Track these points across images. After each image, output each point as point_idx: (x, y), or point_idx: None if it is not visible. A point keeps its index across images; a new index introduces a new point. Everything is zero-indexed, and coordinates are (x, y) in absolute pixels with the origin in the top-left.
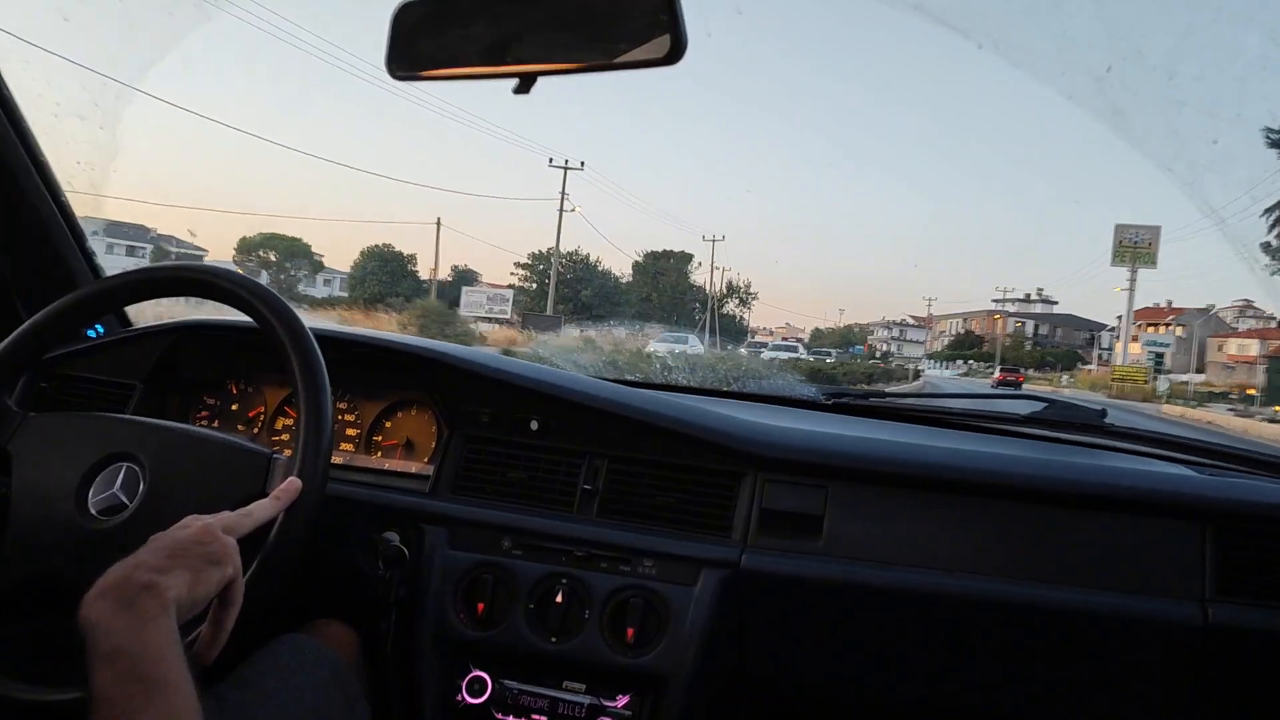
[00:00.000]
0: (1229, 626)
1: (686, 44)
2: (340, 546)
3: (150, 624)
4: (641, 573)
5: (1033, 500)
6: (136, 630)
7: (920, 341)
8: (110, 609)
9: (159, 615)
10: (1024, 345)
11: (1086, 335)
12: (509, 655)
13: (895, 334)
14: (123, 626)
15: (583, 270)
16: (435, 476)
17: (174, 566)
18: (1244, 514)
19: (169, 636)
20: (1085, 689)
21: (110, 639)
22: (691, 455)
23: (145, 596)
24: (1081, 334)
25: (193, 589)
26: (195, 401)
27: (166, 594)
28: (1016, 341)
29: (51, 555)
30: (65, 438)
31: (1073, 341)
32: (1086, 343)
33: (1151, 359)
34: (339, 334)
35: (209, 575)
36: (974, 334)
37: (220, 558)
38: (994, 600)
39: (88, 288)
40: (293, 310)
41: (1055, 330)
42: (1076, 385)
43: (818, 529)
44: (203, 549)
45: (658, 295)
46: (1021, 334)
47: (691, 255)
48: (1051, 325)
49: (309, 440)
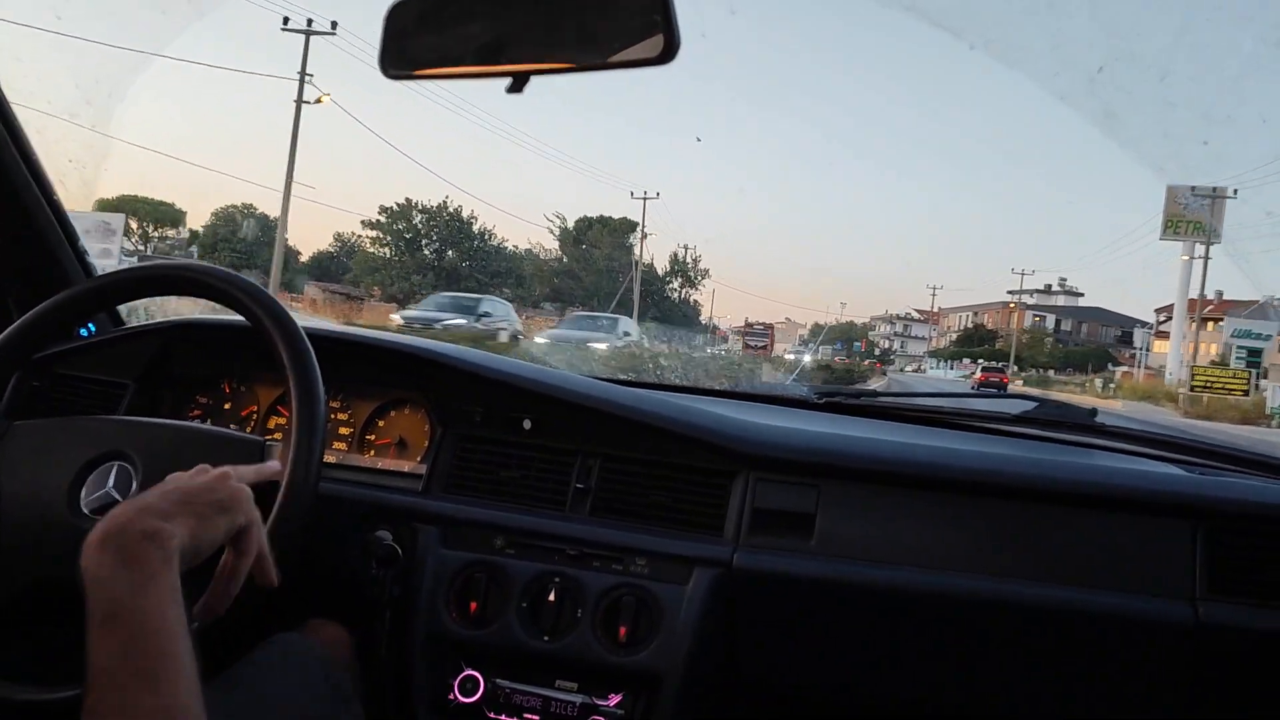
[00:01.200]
0: (1219, 625)
1: (679, 43)
2: (333, 546)
3: (151, 581)
4: (634, 572)
5: (1024, 499)
6: (138, 588)
7: (925, 338)
8: (111, 561)
9: (161, 570)
10: (1044, 342)
11: (1117, 332)
12: (502, 654)
13: (899, 329)
14: (123, 582)
15: (456, 230)
16: (428, 475)
17: (179, 513)
18: (1234, 513)
19: (169, 593)
20: (1076, 687)
21: (110, 596)
22: (683, 454)
23: (147, 546)
24: (1111, 330)
25: (196, 536)
26: (188, 400)
27: (169, 542)
28: (1036, 338)
29: (48, 559)
30: (53, 442)
31: (1100, 338)
32: (1118, 340)
33: (1242, 357)
34: (332, 333)
35: (215, 522)
36: (985, 329)
37: (230, 505)
38: (985, 599)
39: (79, 286)
40: (286, 309)
41: (1080, 326)
42: (1120, 393)
43: (810, 528)
44: (212, 495)
45: (585, 271)
46: (1041, 329)
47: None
48: (1076, 319)
49: (301, 439)
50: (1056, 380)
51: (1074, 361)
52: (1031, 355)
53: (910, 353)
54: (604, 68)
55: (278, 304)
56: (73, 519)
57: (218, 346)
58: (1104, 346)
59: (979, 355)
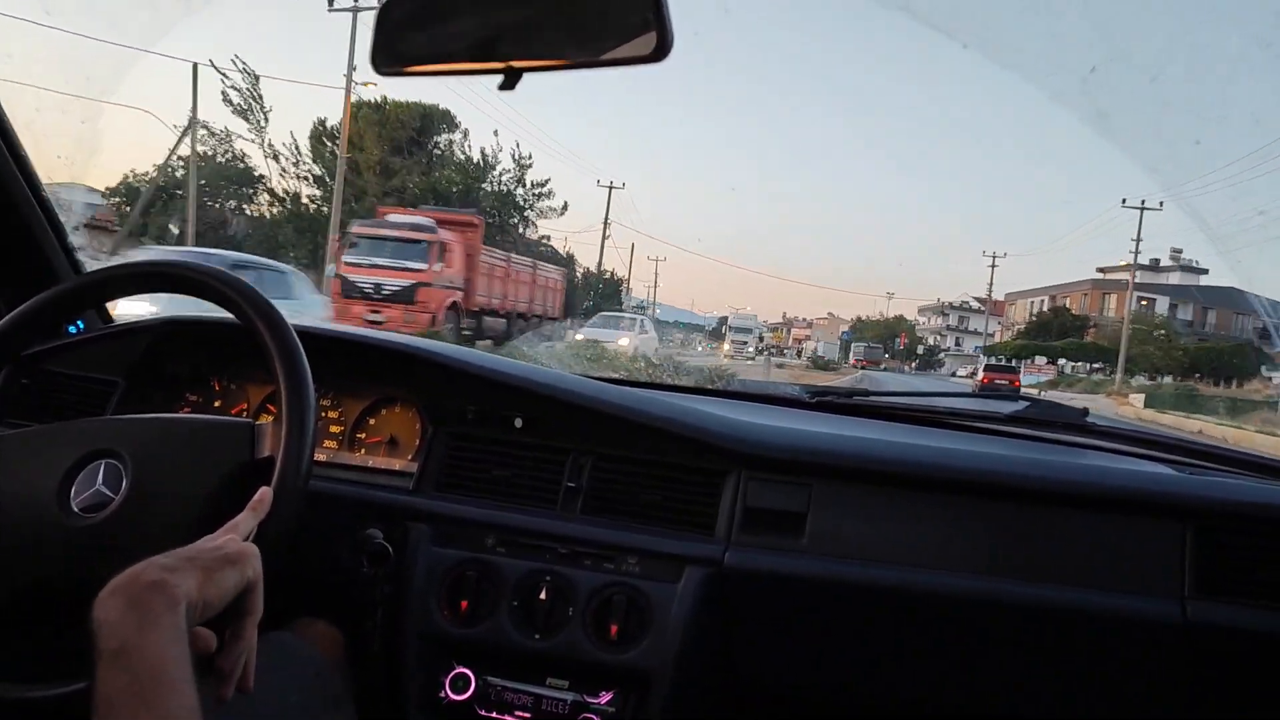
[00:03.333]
0: (1207, 624)
1: (673, 41)
2: (324, 544)
3: (154, 622)
4: (625, 570)
5: (1015, 498)
6: (141, 628)
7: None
8: (120, 607)
9: (164, 614)
10: (1154, 335)
11: (1259, 324)
12: (493, 652)
13: (952, 322)
14: (129, 624)
15: None
16: (419, 474)
17: (186, 568)
18: (1224, 512)
19: (172, 634)
20: (1065, 686)
21: (115, 636)
22: (675, 453)
23: (152, 593)
24: (1249, 319)
25: (204, 588)
26: (177, 398)
27: (174, 591)
28: (1143, 331)
29: (40, 559)
30: (38, 446)
31: (1235, 330)
32: (1260, 334)
33: None
34: (323, 331)
35: (224, 576)
36: (1069, 313)
37: (237, 559)
38: (976, 598)
39: (68, 283)
40: (276, 307)
41: (1205, 313)
42: None
43: (801, 527)
44: (218, 551)
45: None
46: (1148, 317)
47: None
48: (1199, 305)
49: (292, 438)
50: (1206, 400)
51: (1208, 364)
52: (1146, 354)
53: (964, 351)
54: (596, 65)
55: (269, 303)
56: (64, 519)
57: (207, 344)
58: (1241, 342)
59: (1062, 352)
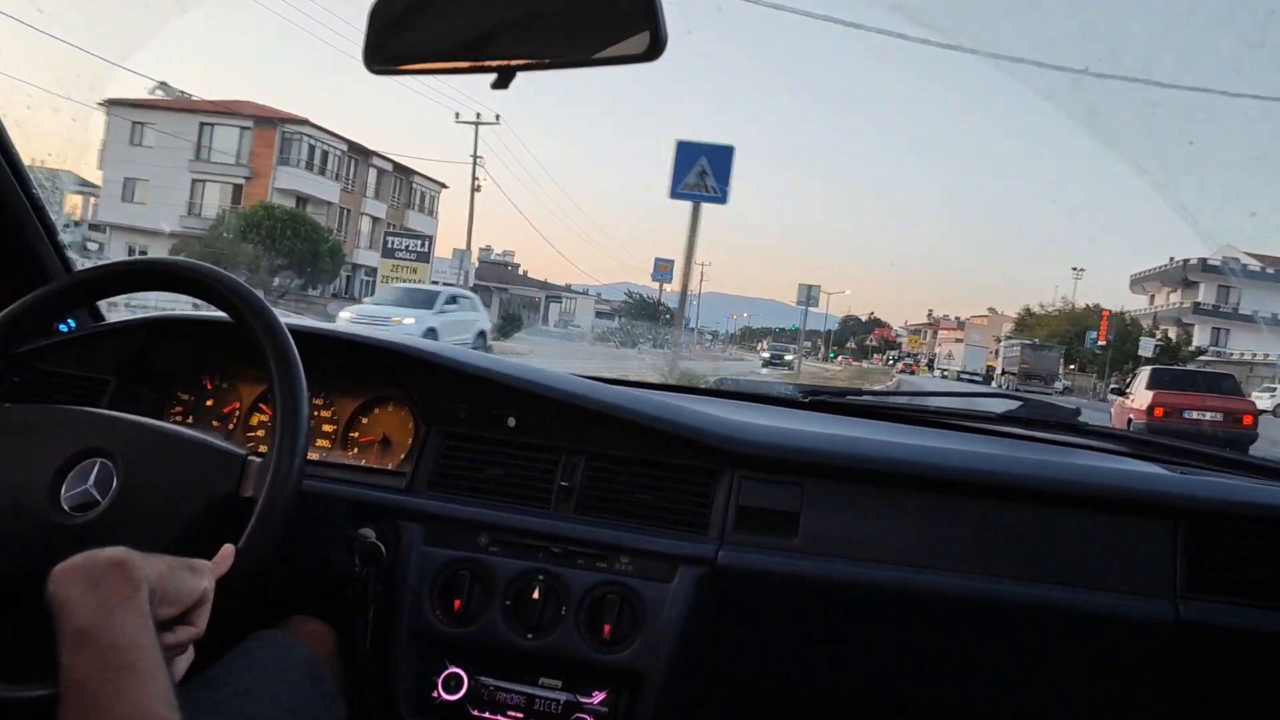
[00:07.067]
0: (1199, 623)
1: (666, 40)
2: (316, 543)
3: (120, 605)
4: (618, 569)
5: (1007, 498)
6: (106, 611)
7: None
8: (79, 587)
9: (129, 595)
10: None
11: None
12: (485, 652)
13: (1208, 297)
14: (91, 604)
15: None
16: (412, 473)
17: (148, 557)
18: (1215, 512)
19: (140, 620)
20: (1058, 685)
21: (77, 618)
22: (668, 452)
23: (114, 573)
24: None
25: (164, 578)
26: (169, 397)
27: (135, 570)
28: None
29: (24, 551)
30: (39, 430)
31: None
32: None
33: None
34: (316, 330)
35: (182, 576)
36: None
37: (198, 568)
38: (968, 597)
39: (59, 281)
40: (269, 306)
41: None
42: None
43: (794, 526)
44: (180, 559)
45: None
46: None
47: None
48: None
49: (285, 437)
50: None
51: None
52: None
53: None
54: (590, 64)
55: (262, 302)
56: (52, 514)
57: (199, 342)
58: None
59: None
